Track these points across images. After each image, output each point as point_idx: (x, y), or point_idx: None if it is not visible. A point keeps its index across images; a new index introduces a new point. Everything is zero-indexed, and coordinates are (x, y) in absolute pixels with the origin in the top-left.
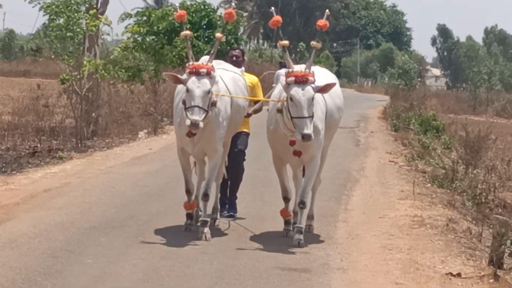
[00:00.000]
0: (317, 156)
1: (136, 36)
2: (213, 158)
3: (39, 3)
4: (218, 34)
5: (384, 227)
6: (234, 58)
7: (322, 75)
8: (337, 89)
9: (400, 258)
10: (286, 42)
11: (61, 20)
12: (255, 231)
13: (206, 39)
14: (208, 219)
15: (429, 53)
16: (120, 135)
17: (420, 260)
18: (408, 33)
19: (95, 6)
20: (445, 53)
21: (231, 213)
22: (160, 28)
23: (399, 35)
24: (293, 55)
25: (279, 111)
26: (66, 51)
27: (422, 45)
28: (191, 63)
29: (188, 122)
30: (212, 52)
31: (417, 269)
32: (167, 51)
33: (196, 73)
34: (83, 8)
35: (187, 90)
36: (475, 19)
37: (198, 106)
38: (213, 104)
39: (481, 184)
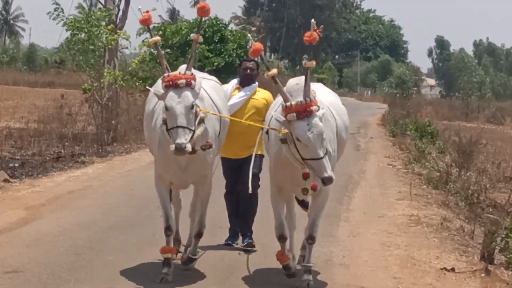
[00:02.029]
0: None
1: (152, 49)
2: (204, 186)
3: (63, 19)
4: (193, 35)
5: (383, 225)
6: (248, 70)
7: (320, 92)
8: (341, 106)
9: (398, 254)
10: (274, 71)
11: (83, 35)
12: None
13: (217, 52)
14: (196, 256)
15: (424, 64)
16: (138, 141)
17: (417, 256)
18: (404, 45)
19: (114, 21)
20: (440, 64)
21: (249, 242)
22: (174, 42)
23: (396, 47)
24: (298, 66)
25: (283, 141)
26: (87, 63)
27: (418, 56)
28: (166, 74)
29: (172, 147)
30: (190, 57)
31: (414, 264)
32: (180, 63)
33: (174, 85)
34: (103, 24)
35: (166, 108)
36: (469, 32)
37: (182, 127)
38: (201, 120)
39: (473, 185)
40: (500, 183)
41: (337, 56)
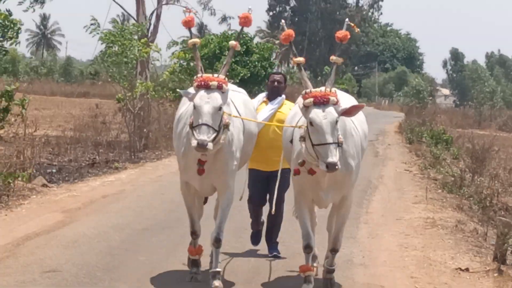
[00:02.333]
0: (350, 196)
1: (181, 61)
2: (225, 195)
3: (98, 33)
4: (232, 42)
5: (400, 227)
6: (276, 83)
7: (344, 98)
8: (361, 115)
9: (415, 255)
10: (301, 59)
11: (117, 48)
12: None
13: (243, 63)
14: (220, 270)
15: (439, 75)
16: (168, 148)
17: (433, 257)
18: (420, 57)
19: (146, 35)
20: (454, 75)
21: (275, 254)
22: (203, 54)
23: (412, 59)
24: (319, 77)
25: (302, 139)
26: (121, 74)
27: (433, 67)
28: (199, 75)
29: (194, 142)
30: (225, 62)
31: (430, 264)
32: (210, 74)
33: (205, 86)
34: (135, 37)
35: (194, 107)
36: (482, 44)
37: (206, 124)
38: (226, 126)
39: (486, 190)
40: None
41: (356, 68)
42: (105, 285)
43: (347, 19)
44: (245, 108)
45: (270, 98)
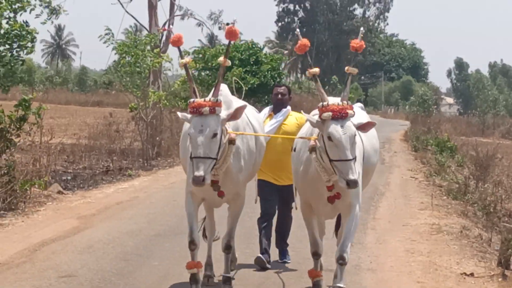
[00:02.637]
0: (356, 204)
1: (193, 71)
2: (236, 203)
3: (112, 43)
4: (221, 59)
5: (406, 233)
6: (279, 96)
7: (355, 111)
8: (373, 130)
9: (421, 260)
10: (316, 70)
11: (130, 58)
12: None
13: (253, 73)
14: (230, 275)
15: (444, 84)
16: (180, 156)
17: (439, 262)
18: (425, 67)
19: (158, 45)
20: (458, 84)
21: (284, 260)
22: (214, 64)
23: (417, 69)
24: (327, 87)
25: (313, 150)
26: (134, 84)
27: (437, 77)
28: (191, 100)
29: (190, 179)
30: (216, 82)
31: (435, 269)
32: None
33: (198, 113)
34: (148, 48)
35: (189, 136)
36: (485, 53)
37: (201, 157)
38: (231, 142)
39: (489, 196)
40: None
41: (363, 77)
42: None
43: (362, 28)
44: (253, 117)
45: (275, 111)
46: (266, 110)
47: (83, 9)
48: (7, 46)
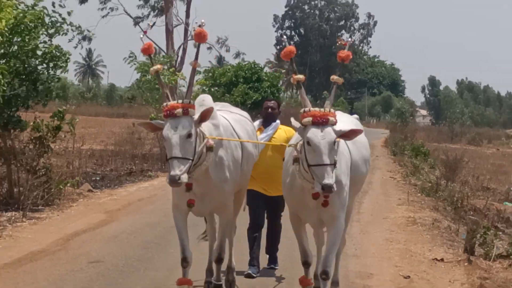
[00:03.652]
0: (340, 216)
1: (204, 87)
2: (223, 214)
3: (134, 64)
4: (191, 62)
5: (386, 225)
6: (270, 109)
7: (344, 120)
8: (363, 138)
9: (399, 248)
10: (301, 76)
11: (150, 76)
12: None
13: (255, 89)
14: (222, 283)
15: (418, 98)
16: None
17: (413, 249)
18: (402, 84)
19: (174, 65)
20: (431, 98)
21: (272, 266)
22: (221, 81)
23: (396, 85)
24: (318, 101)
25: (296, 160)
26: (153, 98)
27: (413, 92)
28: (164, 104)
29: (167, 179)
30: (188, 84)
31: (411, 256)
32: (226, 98)
33: (172, 115)
34: (165, 67)
35: (164, 138)
36: (453, 72)
37: (176, 157)
38: (209, 149)
39: (457, 193)
40: (479, 191)
41: (349, 92)
42: (140, 273)
43: (349, 39)
44: (241, 128)
45: (265, 124)
46: (256, 123)
47: (110, 35)
48: (44, 66)
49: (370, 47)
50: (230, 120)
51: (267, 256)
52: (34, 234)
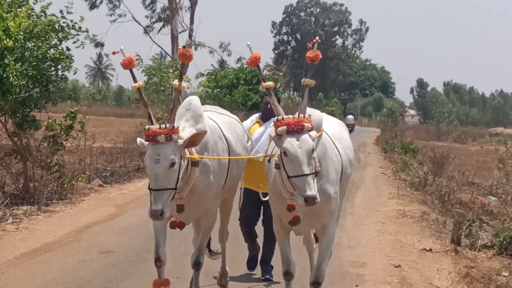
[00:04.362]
0: (332, 226)
1: (207, 89)
2: (207, 219)
3: (141, 67)
4: (175, 83)
5: (378, 217)
6: (269, 105)
7: (327, 123)
8: (346, 138)
9: (390, 239)
10: (270, 83)
11: (156, 79)
12: None
13: (255, 91)
14: None
15: (407, 99)
16: None
17: (404, 240)
18: (392, 85)
19: (179, 68)
20: (419, 99)
21: (267, 277)
22: (223, 83)
23: (386, 87)
24: (313, 101)
25: (277, 166)
26: (159, 99)
27: (402, 93)
28: (147, 127)
29: (148, 212)
30: (172, 107)
31: (401, 246)
32: (228, 99)
33: (153, 140)
34: (171, 70)
35: (145, 166)
36: (441, 74)
37: (158, 190)
38: (194, 164)
39: (444, 188)
40: (464, 186)
41: (342, 94)
42: (148, 263)
43: (317, 37)
44: (230, 130)
45: (264, 119)
46: (254, 116)
47: (119, 40)
48: (53, 68)
49: (362, 51)
50: (218, 122)
51: (260, 267)
52: (49, 226)
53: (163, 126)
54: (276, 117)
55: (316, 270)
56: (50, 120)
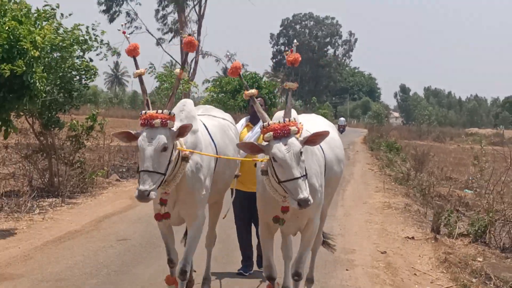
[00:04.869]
0: (316, 218)
1: (212, 93)
2: (193, 225)
3: (154, 74)
4: (177, 70)
5: (366, 209)
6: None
7: (314, 122)
8: (335, 138)
9: (376, 228)
10: (253, 91)
11: (167, 84)
12: None
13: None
14: None
15: (391, 103)
16: None
17: (389, 229)
18: (378, 90)
19: (188, 75)
20: (402, 103)
21: (245, 271)
22: (227, 89)
23: (373, 92)
24: (308, 104)
25: (264, 172)
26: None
27: (387, 98)
28: (143, 112)
29: (135, 192)
30: (171, 94)
31: (387, 234)
32: (231, 103)
33: (149, 125)
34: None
35: (138, 148)
36: (422, 80)
37: (148, 171)
38: (184, 159)
39: (425, 182)
40: (443, 181)
41: (333, 98)
42: (161, 249)
43: (295, 41)
44: (222, 134)
45: (253, 122)
46: (243, 120)
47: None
48: (77, 77)
49: (351, 60)
50: (209, 126)
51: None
52: (72, 216)
53: (160, 111)
54: (262, 124)
55: (296, 261)
56: (73, 122)
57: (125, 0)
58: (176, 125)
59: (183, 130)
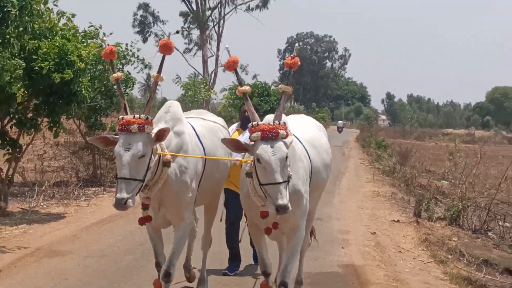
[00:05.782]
0: (301, 225)
1: (229, 100)
2: (179, 227)
3: (179, 83)
4: (154, 74)
5: (358, 197)
6: (246, 113)
7: (302, 123)
8: (324, 143)
9: (367, 213)
10: (246, 88)
11: (191, 92)
12: None
13: (265, 101)
14: None
15: (380, 107)
16: None
17: (378, 214)
18: (369, 97)
19: (208, 85)
20: (389, 108)
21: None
22: (235, 98)
23: (364, 98)
24: (309, 109)
25: (249, 175)
26: (194, 108)
27: (376, 103)
28: (121, 117)
29: (112, 200)
30: (148, 98)
31: (376, 218)
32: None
33: (126, 130)
34: (202, 86)
35: (115, 155)
36: (406, 87)
37: (125, 178)
38: (165, 164)
39: (408, 174)
40: (423, 173)
41: (331, 104)
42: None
43: (296, 44)
44: (211, 136)
45: (244, 128)
46: (234, 126)
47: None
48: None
49: (346, 71)
50: (198, 128)
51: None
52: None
53: (137, 116)
54: (251, 123)
55: (283, 271)
56: (113, 124)
57: (155, 22)
58: (161, 127)
59: (161, 135)
